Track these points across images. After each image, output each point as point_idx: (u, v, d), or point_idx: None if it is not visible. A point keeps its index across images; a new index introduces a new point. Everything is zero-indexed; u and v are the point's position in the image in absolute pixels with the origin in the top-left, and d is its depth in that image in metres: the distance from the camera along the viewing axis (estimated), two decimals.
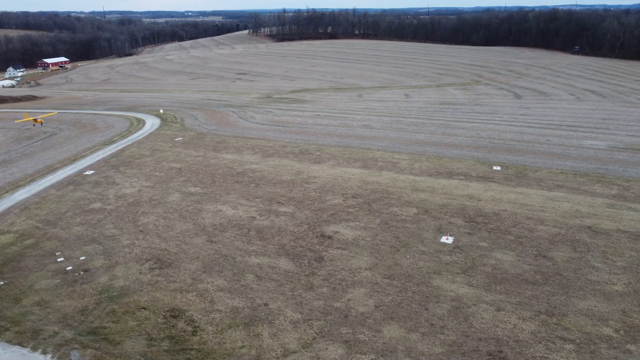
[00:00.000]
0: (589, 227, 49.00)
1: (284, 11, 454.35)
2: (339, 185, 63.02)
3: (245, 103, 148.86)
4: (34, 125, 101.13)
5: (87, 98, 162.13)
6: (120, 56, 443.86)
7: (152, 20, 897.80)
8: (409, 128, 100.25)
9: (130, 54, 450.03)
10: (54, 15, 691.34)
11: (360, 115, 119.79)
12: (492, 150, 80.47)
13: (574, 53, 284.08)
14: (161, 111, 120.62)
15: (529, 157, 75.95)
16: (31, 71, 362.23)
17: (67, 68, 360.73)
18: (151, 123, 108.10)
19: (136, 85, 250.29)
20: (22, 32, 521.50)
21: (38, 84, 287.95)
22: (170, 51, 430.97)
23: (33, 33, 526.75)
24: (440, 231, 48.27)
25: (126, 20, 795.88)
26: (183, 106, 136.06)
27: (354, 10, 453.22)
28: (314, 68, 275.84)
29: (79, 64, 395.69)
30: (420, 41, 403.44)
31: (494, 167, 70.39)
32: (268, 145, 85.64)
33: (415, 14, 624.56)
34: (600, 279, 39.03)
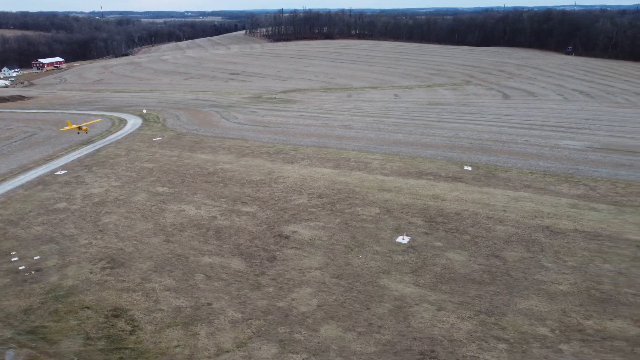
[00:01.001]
0: (547, 227, 49.04)
1: (280, 11, 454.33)
2: (307, 185, 63.08)
3: (232, 103, 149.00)
4: (78, 133, 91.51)
5: (75, 98, 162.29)
6: (116, 56, 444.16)
7: (151, 20, 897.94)
8: (389, 128, 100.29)
9: (126, 54, 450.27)
10: (51, 16, 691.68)
11: (343, 116, 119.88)
12: (467, 151, 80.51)
13: (567, 53, 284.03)
14: (144, 111, 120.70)
15: (502, 157, 75.99)
16: (26, 71, 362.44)
17: (62, 68, 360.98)
18: (133, 123, 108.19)
19: (129, 85, 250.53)
20: (19, 32, 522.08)
21: (31, 84, 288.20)
22: (166, 51, 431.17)
23: (30, 33, 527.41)
24: (398, 231, 48.33)
25: (124, 20, 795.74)
26: (169, 106, 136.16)
27: (350, 11, 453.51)
28: (307, 68, 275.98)
29: (75, 64, 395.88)
30: (416, 41, 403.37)
31: (465, 167, 70.44)
32: (245, 145, 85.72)
33: (414, 14, 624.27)
34: (547, 278, 39.08)
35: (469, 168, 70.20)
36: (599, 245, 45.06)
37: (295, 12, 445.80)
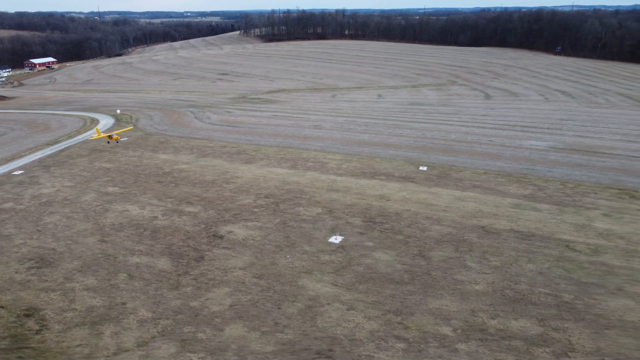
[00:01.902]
0: (482, 227, 49.20)
1: (273, 12, 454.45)
2: (258, 185, 63.23)
3: (212, 104, 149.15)
4: (108, 142, 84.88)
5: (56, 98, 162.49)
6: (109, 56, 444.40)
7: (149, 20, 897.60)
8: (358, 129, 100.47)
9: (120, 55, 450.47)
10: (47, 16, 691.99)
11: (317, 116, 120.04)
12: (429, 151, 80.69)
13: (556, 54, 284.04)
14: (118, 112, 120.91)
15: (461, 158, 76.15)
16: (18, 72, 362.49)
17: (53, 68, 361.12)
18: (105, 123, 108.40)
19: (117, 85, 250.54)
20: (14, 33, 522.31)
21: (21, 84, 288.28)
22: (160, 52, 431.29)
23: (24, 33, 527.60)
24: (334, 231, 48.46)
25: (121, 20, 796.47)
26: (146, 106, 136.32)
27: (344, 11, 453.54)
28: (296, 69, 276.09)
29: (67, 64, 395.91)
30: (408, 41, 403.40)
31: (420, 168, 70.61)
32: (209, 145, 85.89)
33: (413, 14, 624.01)
34: (466, 278, 39.23)
35: (424, 168, 70.36)
36: (528, 245, 45.21)
37: (288, 12, 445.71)
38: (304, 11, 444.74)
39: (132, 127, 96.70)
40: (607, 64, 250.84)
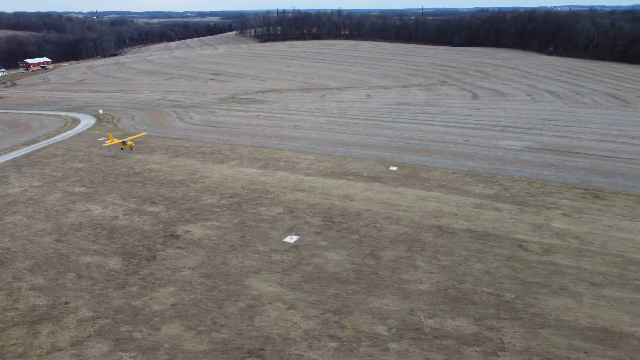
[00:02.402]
0: (439, 227, 49.31)
1: (269, 12, 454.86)
2: (225, 185, 63.35)
3: (198, 104, 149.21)
4: (121, 149, 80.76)
5: (44, 99, 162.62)
6: (104, 57, 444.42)
7: (147, 20, 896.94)
8: (337, 128, 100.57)
9: (115, 55, 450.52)
10: (44, 16, 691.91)
11: (300, 116, 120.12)
12: (403, 151, 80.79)
13: (548, 54, 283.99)
14: (100, 112, 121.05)
15: (434, 158, 76.26)
16: (12, 71, 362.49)
17: (48, 68, 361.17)
18: (85, 123, 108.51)
19: (110, 85, 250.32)
20: (10, 33, 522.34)
21: (14, 84, 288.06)
22: (155, 52, 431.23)
23: (20, 33, 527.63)
24: (290, 231, 48.55)
25: (119, 20, 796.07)
26: (132, 106, 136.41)
27: (339, 11, 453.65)
28: (289, 69, 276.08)
29: (62, 64, 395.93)
30: (403, 42, 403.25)
31: (390, 168, 70.71)
32: (185, 145, 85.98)
33: (412, 14, 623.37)
34: (412, 278, 39.33)
35: (394, 168, 70.46)
36: (482, 245, 45.32)
37: (284, 12, 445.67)
38: (299, 11, 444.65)
39: (146, 133, 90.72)
40: (598, 64, 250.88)
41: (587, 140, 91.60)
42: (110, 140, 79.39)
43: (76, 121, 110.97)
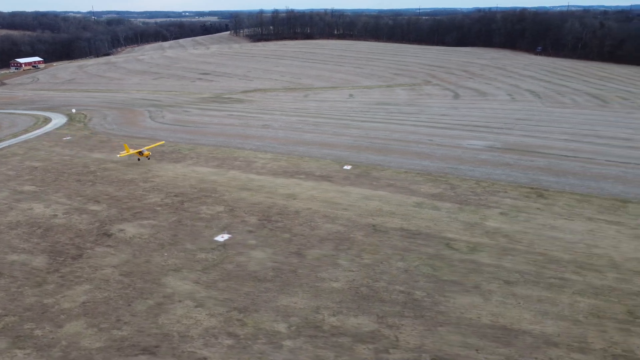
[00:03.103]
0: (373, 226, 49.49)
1: (262, 12, 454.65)
2: (174, 184, 63.53)
3: (177, 103, 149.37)
4: (138, 159, 73.82)
5: (24, 98, 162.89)
6: (97, 56, 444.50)
7: (145, 20, 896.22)
8: (305, 128, 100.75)
9: (108, 54, 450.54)
10: (40, 15, 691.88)
11: (274, 116, 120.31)
12: (363, 150, 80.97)
13: (537, 54, 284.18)
14: (73, 111, 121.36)
15: (391, 157, 76.44)
16: (4, 71, 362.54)
17: (39, 68, 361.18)
18: (55, 122, 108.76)
19: (98, 85, 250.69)
20: (4, 32, 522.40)
21: (3, 84, 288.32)
22: (148, 51, 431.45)
23: (15, 33, 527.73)
24: (224, 230, 48.73)
25: (115, 20, 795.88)
26: (109, 106, 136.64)
27: (332, 11, 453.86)
28: (277, 68, 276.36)
29: (55, 64, 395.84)
30: (396, 41, 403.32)
31: (344, 167, 70.87)
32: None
33: (411, 14, 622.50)
34: (329, 276, 39.51)
35: (348, 167, 70.63)
36: (410, 243, 45.50)
37: (277, 12, 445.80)
38: (292, 11, 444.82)
39: (163, 142, 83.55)
40: (585, 64, 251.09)
41: (553, 140, 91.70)
42: (125, 151, 72.19)
43: (47, 120, 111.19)
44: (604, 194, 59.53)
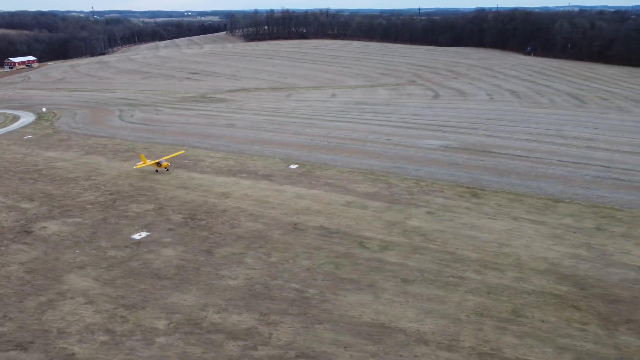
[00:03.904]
0: (295, 224, 49.69)
1: (256, 12, 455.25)
2: (115, 182, 63.83)
3: (154, 102, 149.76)
4: (156, 171, 67.38)
5: (3, 97, 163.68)
6: (92, 55, 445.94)
7: (147, 20, 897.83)
8: (268, 127, 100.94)
9: (103, 54, 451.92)
10: (38, 15, 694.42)
11: (244, 115, 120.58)
12: (316, 150, 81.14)
13: (526, 54, 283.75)
14: (43, 109, 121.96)
15: (341, 156, 76.58)
16: None
17: (32, 67, 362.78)
18: (23, 121, 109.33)
19: (87, 84, 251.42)
20: (1, 31, 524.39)
21: None
22: (143, 51, 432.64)
23: (12, 32, 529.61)
24: (145, 228, 48.98)
25: (114, 19, 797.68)
26: (83, 105, 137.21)
27: (327, 10, 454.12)
28: (266, 68, 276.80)
29: (49, 63, 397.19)
30: (389, 41, 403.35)
31: (290, 166, 71.05)
32: (104, 143, 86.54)
33: (413, 14, 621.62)
34: (229, 274, 39.73)
35: (294, 166, 70.83)
36: (324, 241, 45.67)
37: (272, 12, 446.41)
38: (287, 11, 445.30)
39: (183, 151, 76.64)
40: (573, 64, 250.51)
41: (514, 140, 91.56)
42: (142, 162, 66.77)
43: (15, 119, 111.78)
44: (540, 194, 59.58)
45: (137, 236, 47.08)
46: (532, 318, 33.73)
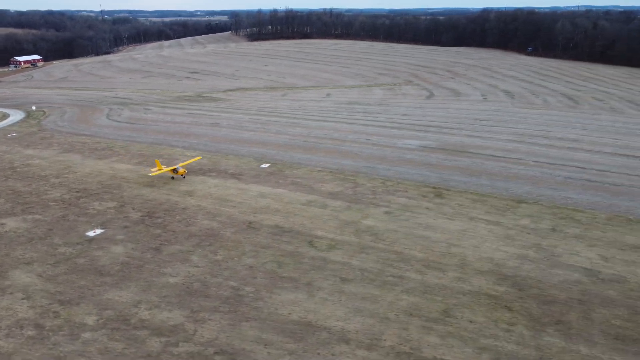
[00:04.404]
0: (250, 223, 50.00)
1: (260, 11, 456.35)
2: (84, 180, 64.48)
3: (146, 101, 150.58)
4: (172, 178, 64.11)
5: (0, 95, 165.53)
6: (97, 54, 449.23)
7: (155, 19, 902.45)
8: (251, 126, 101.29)
9: (108, 53, 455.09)
10: (46, 14, 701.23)
11: (232, 114, 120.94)
12: (292, 149, 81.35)
13: (527, 54, 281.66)
14: (33, 108, 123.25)
15: (316, 156, 76.71)
16: (3, 69, 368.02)
17: (37, 66, 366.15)
18: (11, 119, 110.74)
19: (88, 83, 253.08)
20: (9, 30, 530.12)
21: None
22: (147, 50, 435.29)
23: (19, 31, 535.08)
24: (101, 225, 49.48)
25: (122, 19, 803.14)
26: (74, 104, 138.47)
27: (331, 10, 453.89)
28: (266, 67, 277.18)
29: (54, 62, 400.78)
30: (393, 41, 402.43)
31: (261, 165, 71.33)
32: (84, 141, 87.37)
33: (420, 15, 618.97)
34: (171, 272, 40.08)
35: (265, 166, 71.10)
36: (274, 240, 45.91)
37: (275, 11, 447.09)
38: (291, 10, 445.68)
39: (200, 157, 73.14)
40: (574, 64, 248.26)
41: (496, 141, 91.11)
42: (157, 168, 63.78)
43: (4, 117, 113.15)
44: (505, 195, 59.38)
45: (91, 233, 47.58)
46: (460, 318, 33.71)
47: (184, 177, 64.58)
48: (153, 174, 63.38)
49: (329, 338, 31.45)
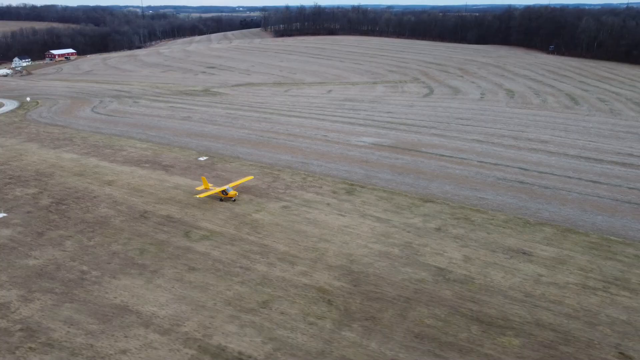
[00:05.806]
0: (144, 212, 51.91)
1: (287, 8, 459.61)
2: (24, 167, 68.12)
3: (144, 95, 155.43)
4: (221, 200, 55.15)
5: (8, 87, 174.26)
6: (130, 49, 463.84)
7: (200, 15, 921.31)
8: (219, 121, 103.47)
9: (140, 47, 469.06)
10: (89, 10, 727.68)
11: (215, 109, 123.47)
12: (243, 143, 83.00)
13: (549, 52, 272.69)
14: (28, 99, 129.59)
15: (261, 151, 78.13)
16: (40, 62, 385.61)
17: (70, 59, 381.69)
18: (3, 109, 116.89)
19: (110, 76, 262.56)
20: (50, 25, 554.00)
21: (29, 74, 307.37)
22: (177, 45, 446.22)
23: (60, 26, 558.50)
24: (6, 210, 52.53)
25: (159, 15, 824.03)
26: (72, 96, 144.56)
27: (359, 7, 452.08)
28: (281, 63, 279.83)
29: (88, 56, 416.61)
30: (417, 38, 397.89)
31: (199, 158, 73.25)
32: (51, 131, 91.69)
33: (461, 11, 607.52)
34: (38, 254, 42.47)
35: (203, 159, 72.99)
36: (156, 229, 47.78)
37: (302, 8, 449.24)
38: (318, 7, 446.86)
39: (252, 177, 62.31)
40: (595, 64, 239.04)
41: (458, 140, 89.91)
42: (204, 187, 56.33)
43: (1, 105, 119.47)
44: (416, 193, 59.10)
45: None
46: (274, 310, 34.53)
47: (234, 200, 55.38)
48: (200, 195, 54.65)
49: (134, 322, 32.93)
